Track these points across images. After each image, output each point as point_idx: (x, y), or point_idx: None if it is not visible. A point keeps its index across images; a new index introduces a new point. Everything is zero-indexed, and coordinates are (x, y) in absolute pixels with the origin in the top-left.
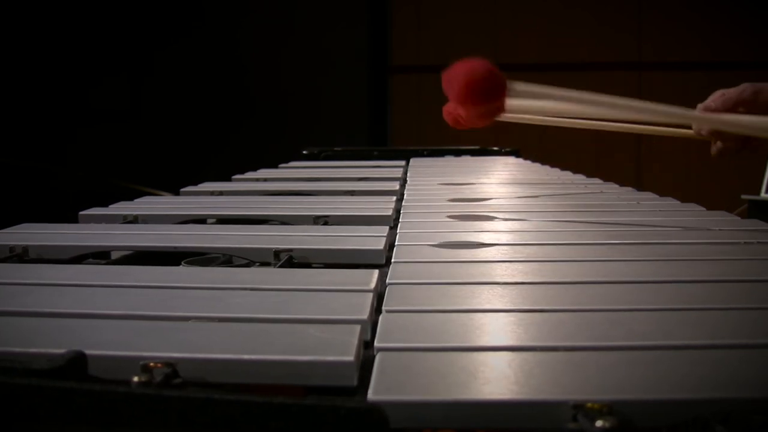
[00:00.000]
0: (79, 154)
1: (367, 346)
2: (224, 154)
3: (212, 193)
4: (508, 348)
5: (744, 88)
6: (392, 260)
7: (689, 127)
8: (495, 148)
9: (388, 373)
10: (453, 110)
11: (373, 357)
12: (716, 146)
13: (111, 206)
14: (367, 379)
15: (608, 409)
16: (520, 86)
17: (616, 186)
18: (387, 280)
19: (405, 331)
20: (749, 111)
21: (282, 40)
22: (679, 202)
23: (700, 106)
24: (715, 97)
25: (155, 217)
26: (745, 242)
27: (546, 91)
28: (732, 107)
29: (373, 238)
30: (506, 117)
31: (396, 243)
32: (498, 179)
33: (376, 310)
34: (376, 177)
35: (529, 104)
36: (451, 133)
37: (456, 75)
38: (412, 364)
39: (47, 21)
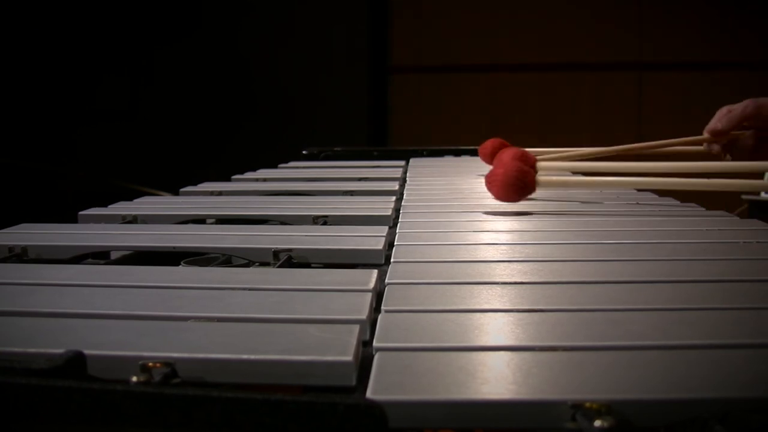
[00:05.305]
0: (79, 154)
1: (365, 345)
2: (224, 154)
3: (212, 193)
4: (507, 348)
5: (747, 104)
6: (391, 260)
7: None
8: None
9: (387, 373)
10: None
11: (372, 356)
12: (726, 159)
13: (110, 206)
14: (365, 379)
15: (607, 408)
16: (544, 180)
17: None
18: (386, 280)
19: (404, 330)
20: (753, 125)
21: (282, 40)
22: (678, 202)
23: (707, 128)
24: (720, 116)
25: (155, 217)
26: (744, 242)
27: (564, 180)
28: (737, 124)
29: (372, 238)
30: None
31: (395, 242)
32: None
33: (375, 309)
34: (376, 177)
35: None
36: (451, 134)
37: (494, 180)
38: (411, 364)
39: (47, 20)
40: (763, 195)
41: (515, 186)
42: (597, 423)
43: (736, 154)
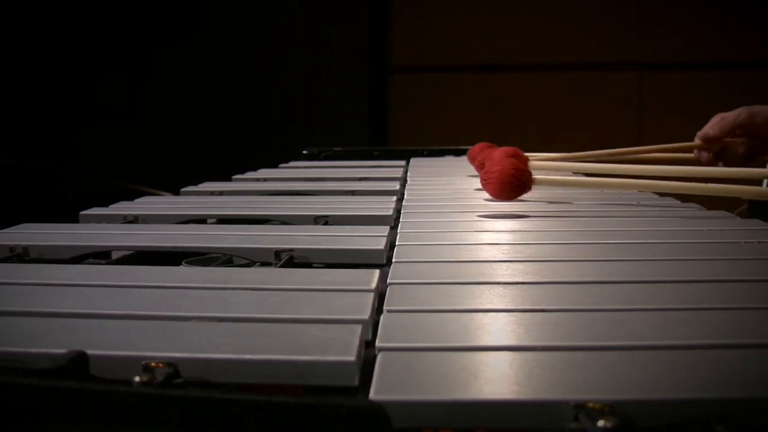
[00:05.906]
0: (79, 154)
1: (368, 345)
2: (224, 154)
3: (212, 193)
4: (509, 348)
5: (740, 112)
6: (393, 260)
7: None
8: None
9: (390, 373)
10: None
11: (375, 357)
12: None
13: (111, 206)
14: (368, 379)
15: (609, 408)
16: (541, 179)
17: None
18: (388, 280)
19: (406, 330)
20: (746, 132)
21: (282, 40)
22: (679, 202)
23: (699, 134)
24: (714, 123)
25: (155, 217)
26: (745, 242)
27: (561, 179)
28: (729, 131)
29: (373, 238)
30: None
31: (397, 243)
32: None
33: (377, 309)
34: (377, 177)
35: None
36: (451, 134)
37: (490, 178)
38: (414, 364)
39: (47, 20)
40: None
41: (512, 183)
42: (600, 423)
43: (728, 162)
